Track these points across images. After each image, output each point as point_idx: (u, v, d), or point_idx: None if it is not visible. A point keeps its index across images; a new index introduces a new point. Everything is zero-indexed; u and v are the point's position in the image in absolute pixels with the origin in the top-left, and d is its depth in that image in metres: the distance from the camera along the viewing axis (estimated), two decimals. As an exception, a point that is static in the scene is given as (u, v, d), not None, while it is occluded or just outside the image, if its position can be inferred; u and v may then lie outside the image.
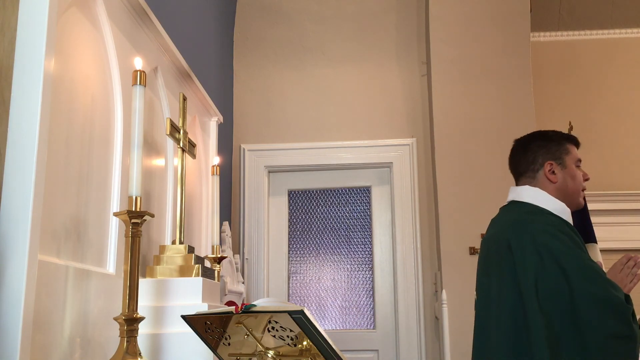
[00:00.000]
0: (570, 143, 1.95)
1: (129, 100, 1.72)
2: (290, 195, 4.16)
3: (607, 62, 5.16)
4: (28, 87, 1.33)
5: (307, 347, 1.27)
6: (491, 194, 3.70)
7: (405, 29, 4.18)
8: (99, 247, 1.72)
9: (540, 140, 1.96)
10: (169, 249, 2.04)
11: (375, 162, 4.04)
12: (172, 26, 2.51)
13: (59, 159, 1.50)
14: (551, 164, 1.91)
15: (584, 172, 1.94)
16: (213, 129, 3.00)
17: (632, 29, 5.17)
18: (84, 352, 1.56)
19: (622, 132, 5.04)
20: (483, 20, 3.93)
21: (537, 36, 5.09)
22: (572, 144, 1.95)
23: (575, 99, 5.07)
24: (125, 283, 1.49)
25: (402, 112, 4.08)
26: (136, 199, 1.52)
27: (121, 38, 1.87)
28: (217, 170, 2.52)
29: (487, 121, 3.81)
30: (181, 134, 2.18)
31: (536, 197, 1.90)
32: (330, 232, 4.09)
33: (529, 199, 1.92)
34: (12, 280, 1.24)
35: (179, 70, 2.46)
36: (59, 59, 1.49)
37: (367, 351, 3.87)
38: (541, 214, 1.86)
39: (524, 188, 1.95)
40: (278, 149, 4.08)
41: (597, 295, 1.67)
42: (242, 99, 4.17)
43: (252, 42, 4.24)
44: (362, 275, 4.02)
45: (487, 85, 3.85)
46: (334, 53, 4.18)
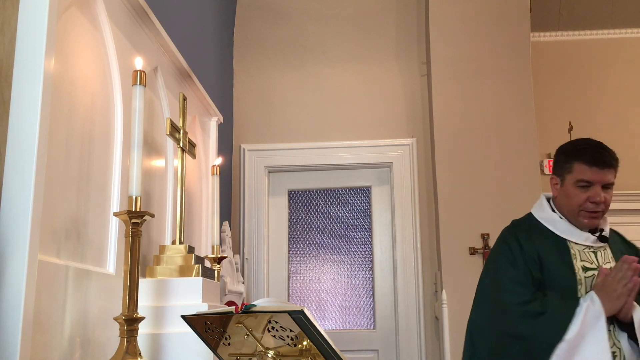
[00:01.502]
0: (580, 161, 1.89)
1: (129, 100, 1.72)
2: (290, 195, 4.16)
3: (607, 62, 5.16)
4: (28, 87, 1.33)
5: (307, 347, 1.27)
6: (491, 194, 3.70)
7: (405, 29, 4.18)
8: (99, 247, 1.72)
9: (559, 152, 2.02)
10: (169, 249, 2.04)
11: (375, 162, 4.04)
12: (172, 26, 2.51)
13: (59, 159, 1.50)
14: (553, 178, 2.00)
15: (591, 194, 1.86)
16: (213, 129, 3.00)
17: (632, 29, 5.17)
18: (84, 352, 1.56)
19: (622, 132, 5.04)
20: (483, 20, 3.92)
21: (537, 36, 5.09)
22: (582, 162, 1.88)
23: (575, 99, 5.06)
24: (125, 283, 1.49)
25: (402, 112, 4.08)
26: (136, 199, 1.52)
27: (121, 38, 1.87)
28: (217, 170, 2.52)
29: (487, 121, 3.81)
30: (181, 134, 2.18)
31: (537, 203, 2.05)
32: (330, 232, 4.09)
33: (535, 204, 2.07)
34: (12, 280, 1.24)
35: (179, 70, 2.46)
36: (59, 58, 1.49)
37: (367, 351, 3.87)
38: (525, 219, 2.03)
39: (543, 193, 2.09)
40: (278, 149, 4.08)
41: (471, 324, 1.93)
42: (242, 99, 4.17)
43: (252, 42, 4.24)
44: (362, 275, 4.02)
45: (487, 85, 3.85)
46: (334, 53, 4.18)
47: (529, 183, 3.71)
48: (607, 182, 1.88)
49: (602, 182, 1.87)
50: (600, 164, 1.86)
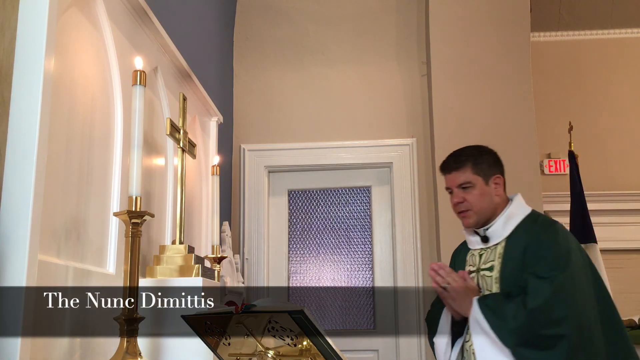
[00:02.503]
0: (440, 172, 2.08)
1: (129, 100, 1.72)
2: (290, 195, 4.16)
3: (607, 62, 5.16)
4: (28, 87, 1.33)
5: (307, 347, 1.27)
6: (491, 194, 3.69)
7: (405, 29, 4.18)
8: (99, 247, 1.72)
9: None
10: (169, 249, 2.04)
11: (375, 162, 4.03)
12: (172, 26, 2.51)
13: (59, 159, 1.50)
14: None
15: (452, 198, 2.01)
16: (213, 129, 3.00)
17: (632, 29, 5.17)
18: (84, 352, 1.56)
19: (622, 132, 5.04)
20: (483, 21, 3.92)
21: (537, 36, 5.09)
22: (440, 172, 2.08)
23: (575, 99, 5.07)
24: (125, 283, 1.49)
25: (402, 112, 4.08)
26: (136, 199, 1.52)
27: (121, 38, 1.87)
28: (217, 170, 2.52)
29: (487, 121, 3.80)
30: (181, 134, 2.18)
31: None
32: (330, 232, 4.09)
33: None
34: (12, 280, 1.24)
35: (179, 70, 2.46)
36: (59, 59, 1.49)
37: (367, 351, 3.87)
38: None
39: None
40: (278, 149, 4.07)
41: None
42: (242, 99, 4.17)
43: (253, 42, 4.24)
44: (362, 275, 4.02)
45: (487, 85, 3.85)
46: (334, 53, 4.18)
47: (529, 183, 3.70)
48: (460, 183, 1.98)
49: (454, 184, 1.99)
50: (446, 170, 2.02)
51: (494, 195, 1.97)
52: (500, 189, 1.99)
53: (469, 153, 2.01)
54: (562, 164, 4.97)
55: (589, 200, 4.07)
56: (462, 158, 2.00)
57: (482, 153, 2.02)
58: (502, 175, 2.02)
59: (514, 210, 1.96)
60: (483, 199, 1.95)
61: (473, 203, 1.96)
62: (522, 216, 1.95)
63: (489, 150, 2.05)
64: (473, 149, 2.03)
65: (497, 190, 1.98)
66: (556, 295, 1.72)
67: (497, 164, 2.02)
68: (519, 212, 1.96)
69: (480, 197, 1.95)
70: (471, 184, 1.96)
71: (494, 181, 1.98)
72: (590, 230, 3.97)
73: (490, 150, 2.05)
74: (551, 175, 5.02)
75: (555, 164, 5.05)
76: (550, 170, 5.05)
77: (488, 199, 1.96)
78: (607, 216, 4.76)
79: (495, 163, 2.02)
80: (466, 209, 1.97)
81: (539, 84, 4.50)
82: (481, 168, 1.97)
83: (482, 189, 1.96)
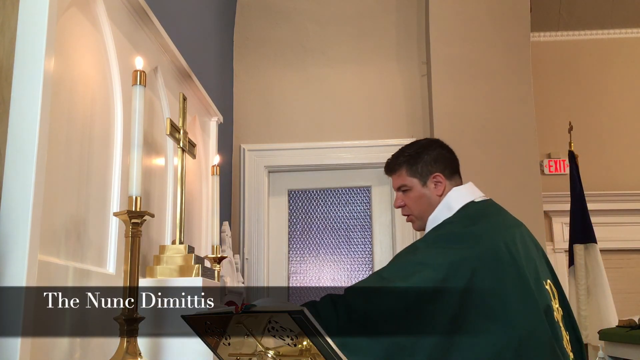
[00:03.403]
0: None
1: (129, 100, 1.72)
2: (290, 195, 4.16)
3: (607, 62, 5.16)
4: (28, 87, 1.33)
5: (307, 347, 1.27)
6: (491, 194, 3.69)
7: (405, 29, 4.18)
8: (99, 247, 1.72)
9: None
10: (169, 249, 2.04)
11: (375, 162, 4.03)
12: (172, 26, 2.51)
13: (59, 159, 1.50)
14: None
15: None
16: (213, 129, 3.00)
17: (632, 29, 5.17)
18: (84, 352, 1.56)
19: (622, 132, 5.04)
20: (483, 20, 3.92)
21: (537, 36, 5.09)
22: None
23: (575, 99, 5.07)
24: (125, 283, 1.49)
25: (402, 112, 4.08)
26: (136, 199, 1.51)
27: (121, 38, 1.87)
28: (217, 170, 2.52)
29: (487, 121, 3.81)
30: (181, 134, 2.18)
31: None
32: (330, 232, 4.09)
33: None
34: (12, 280, 1.24)
35: (179, 70, 2.46)
36: (59, 59, 1.49)
37: (367, 351, 3.86)
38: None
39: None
40: (278, 149, 4.08)
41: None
42: (242, 99, 4.17)
43: (253, 43, 4.24)
44: (362, 275, 4.02)
45: (487, 85, 3.85)
46: (334, 53, 4.18)
47: (528, 183, 3.71)
48: (398, 186, 1.86)
49: (395, 187, 1.88)
50: (386, 173, 1.93)
51: (435, 196, 1.80)
52: (440, 187, 1.81)
53: (407, 153, 1.86)
54: (562, 164, 4.98)
55: (589, 200, 4.07)
56: (398, 160, 1.86)
57: (421, 152, 1.84)
58: (446, 171, 1.83)
59: (437, 213, 1.79)
60: (421, 202, 1.81)
61: (411, 207, 1.84)
62: (444, 218, 1.76)
63: (432, 146, 1.87)
64: (412, 148, 1.87)
65: (437, 190, 1.80)
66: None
67: (438, 161, 1.83)
68: (440, 214, 1.78)
69: (418, 200, 1.82)
70: (407, 187, 1.84)
71: (433, 180, 1.81)
72: (590, 230, 3.97)
73: (432, 146, 1.87)
74: (551, 175, 5.03)
75: (555, 164, 5.05)
76: (550, 170, 5.05)
77: (426, 202, 1.81)
78: (607, 216, 4.76)
79: (436, 160, 1.83)
80: (407, 214, 1.86)
81: (539, 84, 4.50)
82: (416, 169, 1.82)
83: (418, 191, 1.82)
